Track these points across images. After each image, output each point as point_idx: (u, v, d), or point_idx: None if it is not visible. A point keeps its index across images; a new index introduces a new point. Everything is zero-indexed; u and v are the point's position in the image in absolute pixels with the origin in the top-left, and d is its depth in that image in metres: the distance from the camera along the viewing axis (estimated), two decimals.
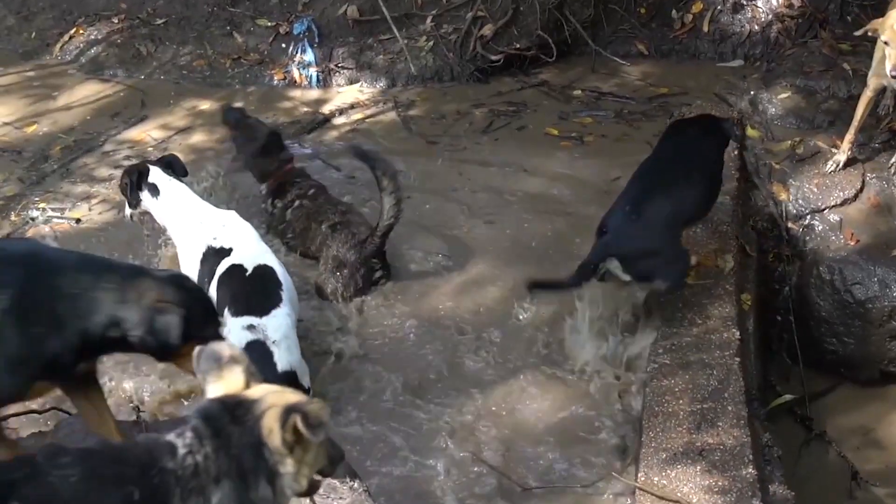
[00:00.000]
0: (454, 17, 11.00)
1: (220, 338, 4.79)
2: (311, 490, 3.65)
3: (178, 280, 4.96)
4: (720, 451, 5.41)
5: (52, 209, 8.56)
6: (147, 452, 3.43)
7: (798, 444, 7.19)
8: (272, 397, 3.52)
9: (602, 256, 6.27)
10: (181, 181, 7.00)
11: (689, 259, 6.67)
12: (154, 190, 6.90)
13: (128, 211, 7.19)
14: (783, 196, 8.17)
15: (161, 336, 4.68)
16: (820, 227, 7.98)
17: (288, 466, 3.46)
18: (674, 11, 11.12)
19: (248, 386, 3.60)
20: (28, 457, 3.43)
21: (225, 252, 6.56)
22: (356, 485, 5.09)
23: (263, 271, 6.47)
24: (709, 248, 7.14)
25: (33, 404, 5.89)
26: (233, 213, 6.91)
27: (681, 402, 5.78)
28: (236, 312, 6.22)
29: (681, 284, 6.59)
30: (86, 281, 4.65)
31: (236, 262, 6.50)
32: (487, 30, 10.81)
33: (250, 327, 6.10)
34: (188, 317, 4.74)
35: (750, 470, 5.28)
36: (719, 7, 10.88)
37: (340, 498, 4.95)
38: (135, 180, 6.94)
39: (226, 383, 3.59)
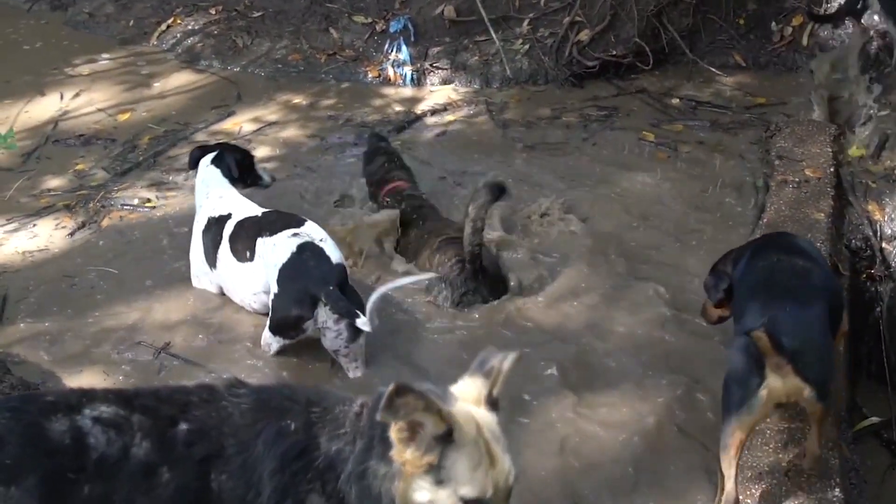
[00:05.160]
0: (551, 21, 11.01)
1: None
2: None
3: None
4: (806, 471, 5.32)
5: (128, 199, 8.61)
6: (318, 393, 3.56)
7: (883, 469, 7.05)
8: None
9: None
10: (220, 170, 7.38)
11: None
12: (195, 164, 7.50)
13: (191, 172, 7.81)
14: (878, 216, 8.04)
15: None
16: None
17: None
18: (773, 23, 11.05)
19: (478, 403, 3.47)
20: (210, 383, 3.56)
21: (224, 218, 6.94)
22: None
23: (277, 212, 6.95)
24: None
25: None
26: (234, 192, 7.29)
27: (767, 420, 5.69)
28: (272, 231, 6.53)
29: None
30: None
31: (241, 217, 6.89)
32: (584, 35, 10.80)
33: (295, 234, 6.41)
34: None
35: (836, 493, 5.18)
36: None
37: None
38: (196, 155, 7.56)
39: (465, 388, 3.53)
